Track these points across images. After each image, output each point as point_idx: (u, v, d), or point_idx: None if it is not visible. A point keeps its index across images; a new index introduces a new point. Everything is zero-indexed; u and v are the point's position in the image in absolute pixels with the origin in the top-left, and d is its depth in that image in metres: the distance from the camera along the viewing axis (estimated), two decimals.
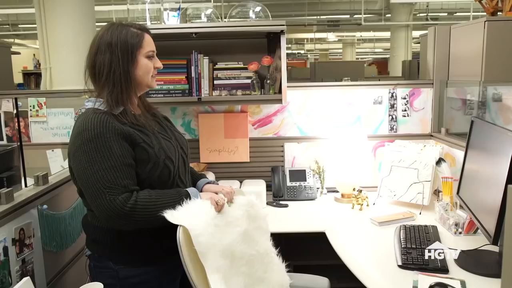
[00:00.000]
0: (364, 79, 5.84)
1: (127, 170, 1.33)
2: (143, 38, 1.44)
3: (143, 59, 1.43)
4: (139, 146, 1.37)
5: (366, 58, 21.27)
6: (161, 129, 1.54)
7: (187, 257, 1.33)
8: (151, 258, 1.43)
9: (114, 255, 1.42)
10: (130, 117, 1.40)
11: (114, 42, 1.39)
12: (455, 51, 2.53)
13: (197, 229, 1.33)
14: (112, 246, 1.41)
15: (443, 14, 11.44)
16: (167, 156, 1.43)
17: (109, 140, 1.32)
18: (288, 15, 10.75)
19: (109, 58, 1.39)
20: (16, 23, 10.87)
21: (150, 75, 1.46)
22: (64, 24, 4.01)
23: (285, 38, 2.28)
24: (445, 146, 2.44)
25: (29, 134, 2.79)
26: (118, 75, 1.39)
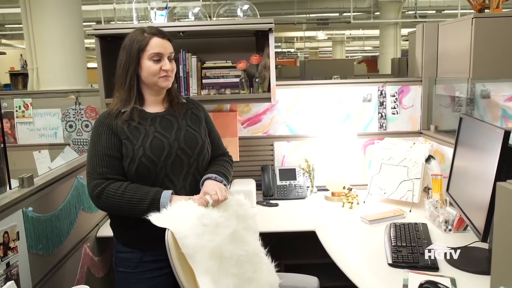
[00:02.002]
0: (353, 77, 5.85)
1: (108, 160, 1.51)
2: (148, 41, 1.54)
3: (146, 61, 1.54)
4: (122, 142, 1.53)
5: (356, 56, 21.37)
6: (166, 128, 1.59)
7: (175, 259, 1.31)
8: (131, 241, 1.59)
9: (113, 231, 1.66)
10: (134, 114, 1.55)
11: (124, 46, 1.57)
12: (443, 48, 2.54)
13: (182, 231, 1.33)
14: (113, 222, 1.65)
15: (431, 12, 11.53)
16: (145, 154, 1.51)
17: (101, 133, 1.53)
18: (277, 13, 10.74)
19: (120, 60, 1.57)
20: (3, 23, 10.73)
21: (157, 77, 1.55)
22: (50, 24, 3.97)
23: (274, 36, 2.27)
24: (434, 143, 2.45)
25: (15, 135, 2.75)
26: (122, 77, 1.56)
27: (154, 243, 1.46)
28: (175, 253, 1.31)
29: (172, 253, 1.31)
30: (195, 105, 1.76)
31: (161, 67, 1.55)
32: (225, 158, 1.77)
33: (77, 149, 2.74)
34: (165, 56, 1.56)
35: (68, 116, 2.73)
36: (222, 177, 1.62)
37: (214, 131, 1.79)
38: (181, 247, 1.31)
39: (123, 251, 1.60)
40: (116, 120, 1.54)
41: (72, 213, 1.90)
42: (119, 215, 1.55)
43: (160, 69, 1.55)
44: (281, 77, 8.51)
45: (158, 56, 1.54)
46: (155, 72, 1.54)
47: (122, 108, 1.56)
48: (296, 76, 7.33)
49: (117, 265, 1.63)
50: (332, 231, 2.03)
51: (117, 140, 1.52)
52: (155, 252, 1.54)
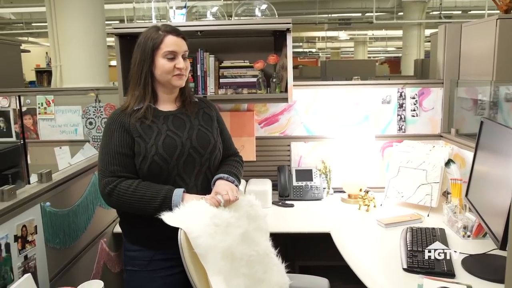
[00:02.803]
0: (375, 78, 5.78)
1: (120, 158, 1.50)
2: (162, 39, 1.53)
3: (160, 59, 1.54)
4: (135, 140, 1.52)
5: (379, 56, 21.11)
6: (179, 127, 1.58)
7: (188, 259, 1.32)
8: (142, 240, 1.58)
9: (122, 229, 1.65)
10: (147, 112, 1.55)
11: (139, 43, 1.57)
12: (466, 50, 2.48)
13: (195, 231, 1.33)
14: (122, 221, 1.64)
15: (457, 12, 11.28)
16: (158, 152, 1.51)
17: (113, 130, 1.53)
18: (298, 13, 10.70)
19: (135, 58, 1.57)
20: (30, 21, 11.00)
21: (171, 75, 1.55)
22: (74, 22, 4.04)
23: (291, 37, 2.25)
24: (454, 147, 2.40)
25: (37, 131, 2.81)
26: (138, 74, 1.56)
27: (165, 242, 1.46)
28: (187, 253, 1.32)
29: (185, 253, 1.32)
30: (207, 104, 1.76)
31: (175, 65, 1.54)
32: (236, 159, 1.77)
33: (96, 146, 2.78)
34: (179, 54, 1.55)
35: (88, 113, 2.78)
36: (234, 177, 1.61)
37: (226, 131, 1.78)
38: (193, 247, 1.31)
39: (132, 249, 1.59)
40: (130, 118, 1.54)
41: (89, 209, 1.93)
42: (130, 213, 1.54)
43: (174, 67, 1.54)
44: (301, 77, 8.48)
45: (172, 54, 1.54)
46: (169, 70, 1.54)
47: (136, 105, 1.56)
48: (316, 77, 7.29)
49: (126, 263, 1.62)
50: (347, 233, 2.01)
51: (129, 138, 1.52)
52: (166, 250, 1.53)
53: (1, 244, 1.30)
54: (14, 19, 11.22)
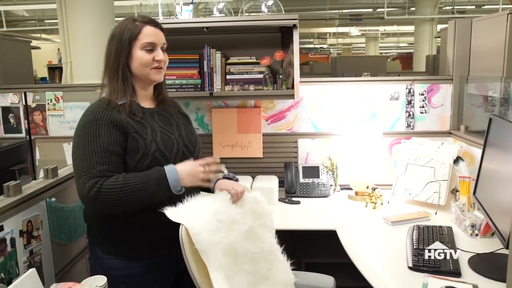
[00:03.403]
0: (385, 75, 5.73)
1: (109, 156, 1.35)
2: (140, 30, 1.43)
3: (138, 51, 1.43)
4: (131, 136, 1.40)
5: (391, 52, 20.90)
6: (167, 124, 1.53)
7: (189, 255, 1.32)
8: (136, 253, 1.43)
9: (101, 243, 1.44)
10: (134, 108, 1.43)
11: (114, 35, 1.45)
12: (476, 46, 2.44)
13: (196, 227, 1.32)
14: (101, 233, 1.44)
15: (470, 7, 11.10)
16: (159, 149, 1.42)
17: (100, 126, 1.36)
18: (309, 9, 10.63)
19: (109, 51, 1.45)
20: (42, 18, 11.10)
21: (149, 68, 1.45)
22: (83, 19, 4.06)
23: (298, 33, 2.24)
24: (464, 144, 2.37)
25: (46, 127, 2.84)
26: (114, 67, 1.43)
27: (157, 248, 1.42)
28: (188, 249, 1.32)
29: (186, 249, 1.32)
30: (178, 104, 1.70)
31: (154, 58, 1.45)
32: None
33: None
34: (158, 46, 1.46)
35: None
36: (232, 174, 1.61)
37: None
38: (194, 243, 1.31)
39: (118, 267, 1.40)
40: (119, 114, 1.40)
41: None
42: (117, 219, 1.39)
43: (153, 60, 1.44)
44: (312, 73, 8.44)
45: (151, 46, 1.44)
46: (147, 63, 1.44)
47: (118, 100, 1.42)
48: (327, 73, 7.25)
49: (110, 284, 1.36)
50: (353, 231, 2.00)
51: (119, 135, 1.38)
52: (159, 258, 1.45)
53: (6, 239, 1.32)
54: (27, 16, 11.34)
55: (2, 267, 1.29)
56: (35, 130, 2.82)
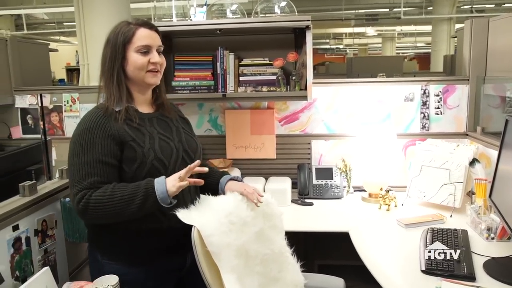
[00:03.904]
0: (402, 75, 5.66)
1: (101, 167, 1.32)
2: (134, 32, 1.40)
3: (132, 54, 1.40)
4: (128, 145, 1.37)
5: (408, 53, 20.66)
6: (166, 130, 1.49)
7: (201, 256, 1.33)
8: (136, 259, 1.41)
9: (101, 248, 1.43)
10: (130, 113, 1.40)
11: (109, 39, 1.41)
12: (493, 45, 2.40)
13: (208, 229, 1.33)
14: (100, 239, 1.43)
15: (489, 6, 10.89)
16: (157, 157, 1.39)
17: (95, 136, 1.33)
18: (325, 9, 10.58)
19: (104, 55, 1.42)
20: (61, 21, 11.30)
21: (145, 71, 1.41)
22: (100, 21, 4.13)
23: (311, 34, 2.23)
24: (480, 146, 2.32)
25: (63, 128, 2.89)
26: (109, 72, 1.40)
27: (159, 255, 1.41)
28: (200, 250, 1.33)
29: (198, 250, 1.32)
30: (178, 109, 1.68)
31: (149, 60, 1.41)
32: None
33: None
34: (153, 48, 1.42)
35: None
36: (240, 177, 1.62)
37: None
38: (206, 245, 1.31)
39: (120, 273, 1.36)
40: (115, 122, 1.37)
41: None
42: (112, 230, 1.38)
43: (148, 62, 1.41)
44: (328, 74, 8.40)
45: (145, 48, 1.40)
46: (142, 66, 1.40)
47: (115, 106, 1.39)
48: (343, 73, 7.20)
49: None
50: (366, 233, 1.98)
51: (114, 146, 1.35)
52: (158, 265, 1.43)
53: (21, 238, 1.35)
54: (47, 19, 11.57)
55: (17, 265, 1.32)
56: (52, 131, 2.87)
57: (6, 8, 9.36)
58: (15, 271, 1.31)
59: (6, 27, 10.12)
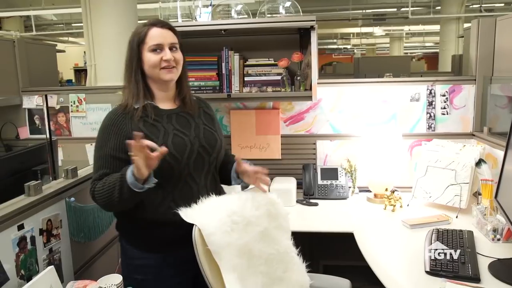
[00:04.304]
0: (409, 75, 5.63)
1: (113, 161, 1.43)
2: (146, 33, 1.48)
3: (146, 53, 1.48)
4: None
5: (416, 52, 20.53)
6: (184, 125, 1.54)
7: (202, 255, 1.33)
8: (153, 246, 1.48)
9: (125, 234, 1.55)
10: (148, 110, 1.48)
11: (129, 41, 1.51)
12: (500, 45, 2.38)
13: (209, 228, 1.33)
14: (123, 226, 1.55)
15: (499, 5, 10.78)
16: (169, 152, 1.42)
17: (111, 132, 1.44)
18: (332, 9, 10.55)
19: (126, 56, 1.52)
20: (70, 22, 11.38)
21: (158, 68, 1.48)
22: (107, 22, 4.15)
23: (316, 34, 2.23)
24: (487, 146, 2.31)
25: (70, 129, 2.91)
26: (129, 72, 1.50)
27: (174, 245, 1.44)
28: (201, 249, 1.33)
29: (199, 249, 1.33)
30: (206, 104, 1.72)
31: (162, 58, 1.47)
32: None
33: None
34: (165, 46, 1.48)
35: None
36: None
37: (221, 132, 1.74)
38: (207, 244, 1.32)
39: (138, 257, 1.49)
40: (131, 120, 1.46)
41: None
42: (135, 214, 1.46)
43: (160, 60, 1.47)
44: (335, 74, 8.38)
45: (157, 47, 1.47)
46: (155, 64, 1.47)
47: (135, 103, 1.48)
48: (350, 73, 7.17)
49: (130, 271, 1.51)
50: (371, 234, 1.98)
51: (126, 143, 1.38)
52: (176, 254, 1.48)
53: (26, 237, 1.36)
54: (55, 20, 11.66)
55: (22, 264, 1.34)
56: (59, 131, 2.90)
57: (15, 9, 9.45)
58: (20, 270, 1.32)
59: (16, 28, 10.21)
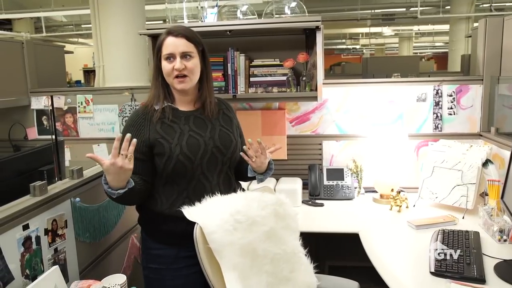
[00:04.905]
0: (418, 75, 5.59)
1: None
2: (162, 42, 1.54)
3: (163, 62, 1.54)
4: (157, 142, 1.52)
5: (426, 52, 20.38)
6: (201, 127, 1.59)
7: (203, 253, 1.34)
8: (166, 239, 1.56)
9: (143, 227, 1.64)
10: (166, 112, 1.56)
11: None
12: (508, 45, 2.35)
13: (210, 226, 1.34)
14: (142, 217, 1.64)
15: (509, 4, 10.65)
16: (182, 152, 1.51)
17: (129, 131, 1.48)
18: (340, 9, 10.51)
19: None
20: (79, 23, 11.48)
21: (172, 77, 1.53)
22: (115, 23, 4.18)
23: (321, 34, 2.23)
24: (494, 146, 2.28)
25: (77, 129, 2.94)
26: (154, 74, 1.59)
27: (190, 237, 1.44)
28: (202, 247, 1.34)
29: (200, 247, 1.34)
30: (226, 106, 1.76)
31: (173, 67, 1.51)
32: None
33: None
34: (176, 55, 1.51)
35: (124, 112, 2.87)
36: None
37: (242, 134, 1.80)
38: (208, 242, 1.33)
39: (155, 247, 1.57)
40: (149, 122, 1.54)
41: (120, 205, 1.99)
42: (151, 209, 1.57)
43: (172, 69, 1.51)
44: (344, 74, 8.35)
45: (170, 56, 1.52)
46: (168, 73, 1.53)
47: (155, 104, 1.57)
48: (358, 74, 7.14)
49: (148, 261, 1.61)
50: (376, 234, 1.97)
51: (144, 146, 1.52)
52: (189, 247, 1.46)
53: (31, 237, 1.37)
54: (65, 22, 11.78)
55: (27, 263, 1.35)
56: (66, 132, 2.93)
57: (26, 11, 9.56)
58: (25, 269, 1.34)
59: (26, 29, 10.33)
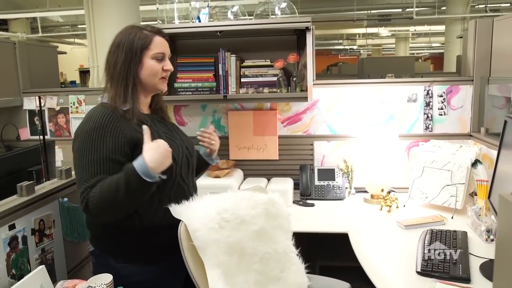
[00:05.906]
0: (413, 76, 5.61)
1: (110, 165, 1.33)
2: (151, 39, 1.45)
3: (149, 60, 1.45)
4: (140, 143, 1.37)
5: (422, 53, 20.43)
6: (167, 129, 1.57)
7: (187, 251, 1.34)
8: (152, 256, 1.44)
9: (116, 252, 1.44)
10: (136, 114, 1.42)
11: (122, 43, 1.43)
12: (498, 46, 2.36)
13: (195, 224, 1.34)
14: (114, 243, 1.43)
15: (505, 5, 10.69)
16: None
17: (106, 133, 1.34)
18: (337, 10, 10.53)
19: (115, 58, 1.43)
20: (76, 23, 11.47)
21: (158, 77, 1.48)
22: (109, 24, 4.19)
23: (312, 35, 2.23)
24: (483, 147, 2.30)
25: (70, 130, 2.94)
26: (122, 74, 1.42)
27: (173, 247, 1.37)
28: (186, 244, 1.34)
29: (184, 244, 1.34)
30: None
31: (163, 67, 1.48)
32: None
33: None
34: (166, 56, 1.50)
35: None
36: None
37: None
38: (192, 239, 1.33)
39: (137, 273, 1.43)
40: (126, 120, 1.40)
41: None
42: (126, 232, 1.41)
43: (162, 69, 1.48)
44: (340, 74, 8.39)
45: (161, 56, 1.48)
46: (157, 72, 1.47)
47: (122, 106, 1.42)
48: (355, 74, 7.17)
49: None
50: (365, 234, 1.98)
51: (125, 144, 1.37)
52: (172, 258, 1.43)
53: (18, 237, 1.38)
54: (61, 22, 11.76)
55: (13, 263, 1.35)
56: (59, 132, 2.93)
57: (22, 11, 9.54)
58: (11, 269, 1.34)
59: (22, 30, 10.31)
